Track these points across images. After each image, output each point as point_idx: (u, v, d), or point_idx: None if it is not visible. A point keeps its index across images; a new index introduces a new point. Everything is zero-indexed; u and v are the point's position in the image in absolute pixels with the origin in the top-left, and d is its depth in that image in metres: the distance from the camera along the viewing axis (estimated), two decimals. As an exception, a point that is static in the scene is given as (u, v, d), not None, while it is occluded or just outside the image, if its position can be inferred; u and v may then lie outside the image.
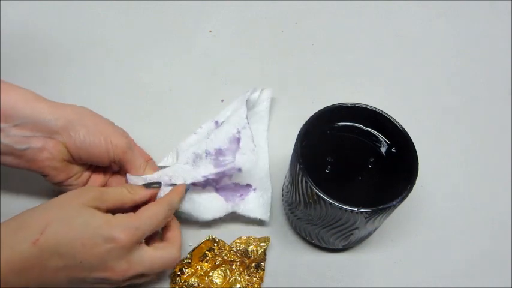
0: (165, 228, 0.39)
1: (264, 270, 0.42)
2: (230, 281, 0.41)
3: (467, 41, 0.63)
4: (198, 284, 0.40)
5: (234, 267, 0.41)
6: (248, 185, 0.45)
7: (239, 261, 0.42)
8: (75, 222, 0.32)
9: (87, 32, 0.59)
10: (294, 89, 0.56)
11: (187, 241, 0.43)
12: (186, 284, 0.40)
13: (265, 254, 0.43)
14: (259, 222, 0.45)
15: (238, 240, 0.43)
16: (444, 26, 0.64)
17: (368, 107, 0.39)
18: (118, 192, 0.37)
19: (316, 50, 0.60)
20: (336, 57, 0.59)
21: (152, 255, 0.35)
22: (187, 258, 0.42)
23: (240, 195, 0.45)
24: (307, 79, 0.57)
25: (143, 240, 0.36)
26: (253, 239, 0.43)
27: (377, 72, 0.58)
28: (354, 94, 0.56)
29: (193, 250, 0.42)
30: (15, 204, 0.45)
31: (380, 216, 0.36)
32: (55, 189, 0.41)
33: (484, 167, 0.51)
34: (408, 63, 0.60)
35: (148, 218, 0.35)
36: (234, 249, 0.42)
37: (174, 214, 0.40)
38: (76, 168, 0.41)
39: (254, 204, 0.44)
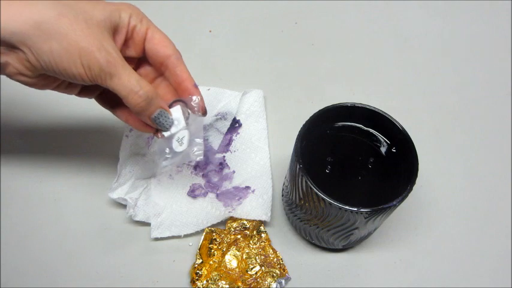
0: None
1: (265, 231, 0.43)
2: (244, 257, 0.42)
3: (467, 41, 0.63)
4: (220, 276, 0.41)
5: (240, 244, 0.42)
6: (247, 187, 0.45)
7: (241, 236, 0.43)
8: None
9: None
10: (294, 89, 0.56)
11: (186, 241, 0.44)
12: (210, 281, 0.40)
13: (259, 221, 0.44)
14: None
15: (231, 221, 0.44)
16: (444, 26, 0.64)
17: (368, 107, 0.39)
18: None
19: (316, 50, 0.60)
20: (336, 57, 0.59)
21: None
22: (198, 259, 0.42)
23: (238, 199, 0.45)
24: (307, 79, 0.57)
25: None
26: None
27: (377, 72, 0.58)
28: (354, 94, 0.56)
29: (199, 249, 0.42)
30: (14, 203, 0.45)
31: (380, 216, 0.36)
32: None
33: (484, 167, 0.51)
34: (408, 63, 0.60)
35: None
36: (232, 229, 0.43)
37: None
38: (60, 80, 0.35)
39: (252, 205, 0.44)
